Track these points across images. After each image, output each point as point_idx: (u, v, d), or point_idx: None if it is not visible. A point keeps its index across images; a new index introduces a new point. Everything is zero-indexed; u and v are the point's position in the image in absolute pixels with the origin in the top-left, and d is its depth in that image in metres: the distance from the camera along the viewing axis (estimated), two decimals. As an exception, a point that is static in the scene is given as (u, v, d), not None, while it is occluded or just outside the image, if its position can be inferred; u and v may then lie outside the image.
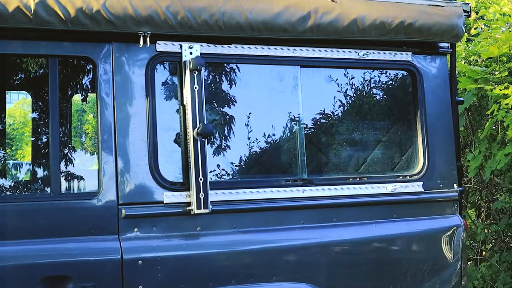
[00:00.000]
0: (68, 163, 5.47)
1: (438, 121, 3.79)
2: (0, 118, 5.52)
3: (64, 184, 5.10)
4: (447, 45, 3.86)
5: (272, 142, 3.61)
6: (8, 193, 5.48)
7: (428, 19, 3.65)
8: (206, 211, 3.19)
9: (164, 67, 3.32)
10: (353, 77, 3.77)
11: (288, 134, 3.62)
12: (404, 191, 3.67)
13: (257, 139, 3.56)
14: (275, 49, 3.46)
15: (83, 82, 5.11)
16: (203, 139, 3.22)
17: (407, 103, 3.86)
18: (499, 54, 4.93)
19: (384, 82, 3.89)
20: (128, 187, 3.14)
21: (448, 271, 3.72)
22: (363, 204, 3.58)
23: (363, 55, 3.62)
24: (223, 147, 3.54)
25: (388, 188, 3.63)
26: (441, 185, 3.77)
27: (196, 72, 3.23)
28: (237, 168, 3.56)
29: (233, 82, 3.52)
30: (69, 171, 5.27)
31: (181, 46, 3.26)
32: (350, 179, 3.62)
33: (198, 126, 3.21)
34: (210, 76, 3.49)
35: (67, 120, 5.30)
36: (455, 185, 3.81)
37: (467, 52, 5.61)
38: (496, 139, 5.26)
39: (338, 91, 3.75)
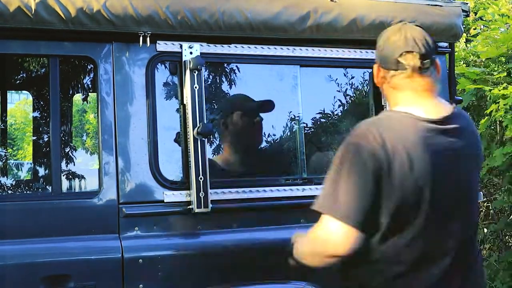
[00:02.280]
0: (69, 162, 5.49)
1: (437, 121, 3.79)
2: (1, 117, 5.54)
3: (65, 183, 5.11)
4: (446, 44, 3.84)
5: (272, 141, 3.62)
6: (9, 192, 5.50)
7: (427, 18, 3.65)
8: (206, 210, 3.19)
9: (165, 67, 3.32)
10: (352, 77, 3.78)
11: (288, 134, 3.63)
12: None
13: (257, 138, 3.57)
14: (275, 48, 3.45)
15: (84, 81, 5.13)
16: (203, 138, 3.23)
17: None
18: (498, 54, 4.94)
19: (383, 82, 3.90)
20: (129, 186, 3.14)
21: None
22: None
23: None
24: (223, 146, 3.55)
25: (387, 187, 3.63)
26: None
27: (196, 72, 3.23)
28: (237, 167, 3.57)
29: (233, 82, 3.53)
30: (70, 170, 5.29)
31: (181, 46, 3.26)
32: (350, 178, 3.62)
33: (198, 125, 3.21)
34: (210, 76, 3.50)
35: (68, 119, 5.32)
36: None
37: (466, 53, 5.62)
38: (495, 139, 5.27)
39: (337, 90, 3.76)
